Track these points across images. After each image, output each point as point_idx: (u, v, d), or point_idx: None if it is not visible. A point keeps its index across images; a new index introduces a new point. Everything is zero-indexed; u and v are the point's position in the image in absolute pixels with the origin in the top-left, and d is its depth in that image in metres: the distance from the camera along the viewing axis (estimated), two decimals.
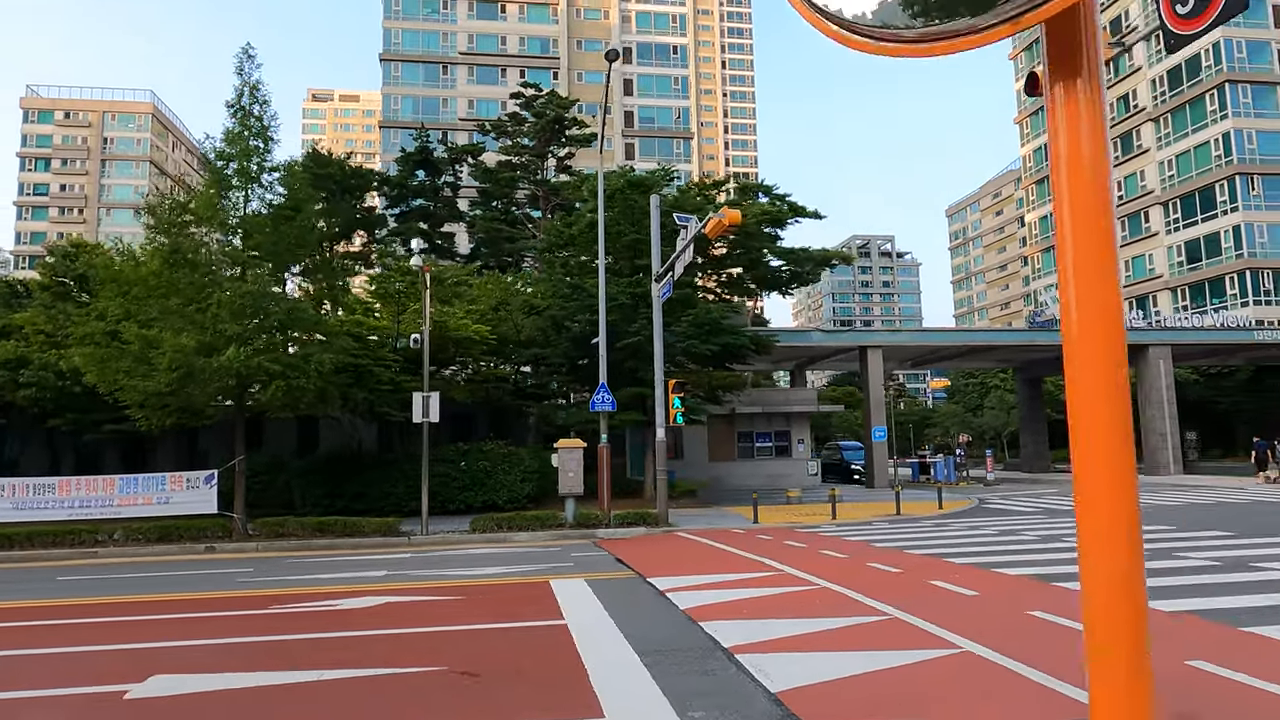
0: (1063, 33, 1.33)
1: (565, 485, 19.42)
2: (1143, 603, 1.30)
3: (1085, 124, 1.32)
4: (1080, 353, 1.28)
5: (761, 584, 10.50)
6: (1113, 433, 1.30)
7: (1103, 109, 1.33)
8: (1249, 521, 16.73)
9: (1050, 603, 8.60)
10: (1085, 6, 1.32)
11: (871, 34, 1.34)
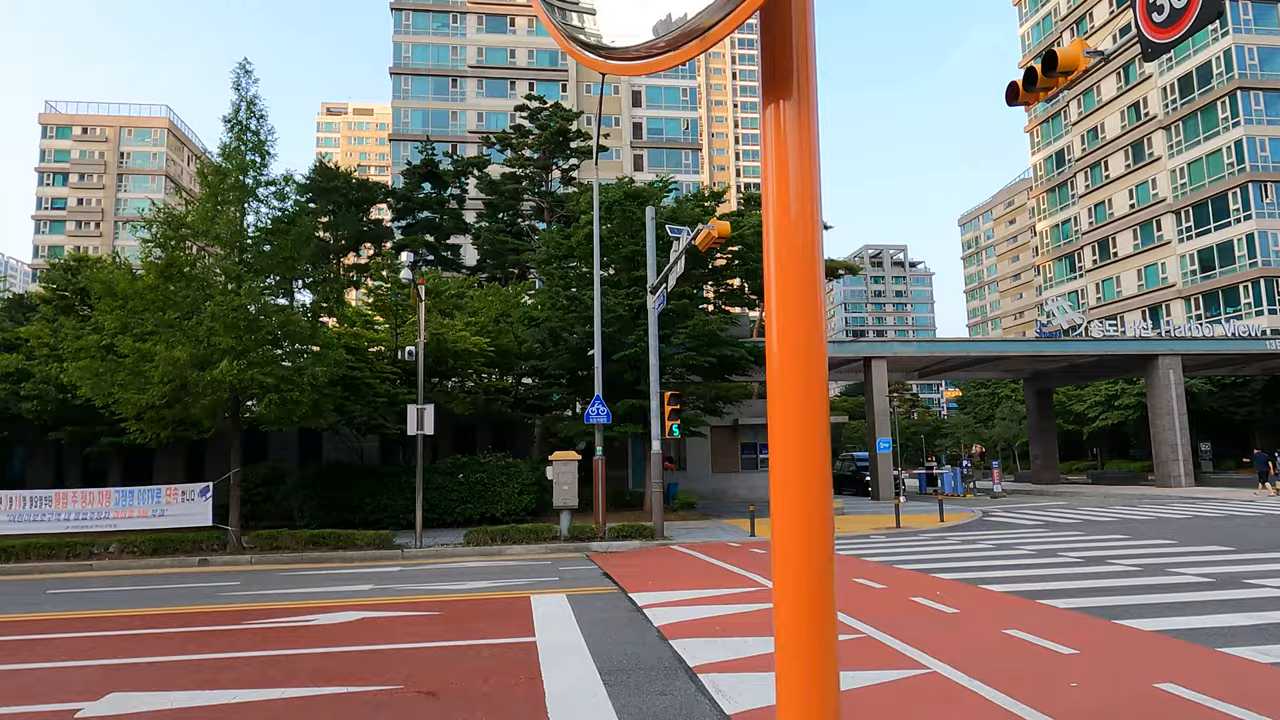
0: (777, 51, 1.27)
1: (560, 498, 19.34)
2: (829, 626, 1.23)
3: (794, 143, 1.25)
4: (780, 366, 1.22)
5: (743, 600, 10.38)
6: (807, 447, 1.24)
7: (813, 129, 1.27)
8: (1252, 536, 16.43)
9: (1028, 621, 8.44)
10: (799, 24, 1.26)
11: (638, 55, 1.28)
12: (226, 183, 17.91)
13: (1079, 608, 9.09)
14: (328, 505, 22.77)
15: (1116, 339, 35.16)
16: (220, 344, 16.43)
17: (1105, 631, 7.94)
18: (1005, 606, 9.46)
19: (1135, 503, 27.50)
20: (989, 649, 7.41)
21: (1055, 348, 34.17)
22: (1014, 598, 9.92)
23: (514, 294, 27.64)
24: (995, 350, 35.79)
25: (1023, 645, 7.45)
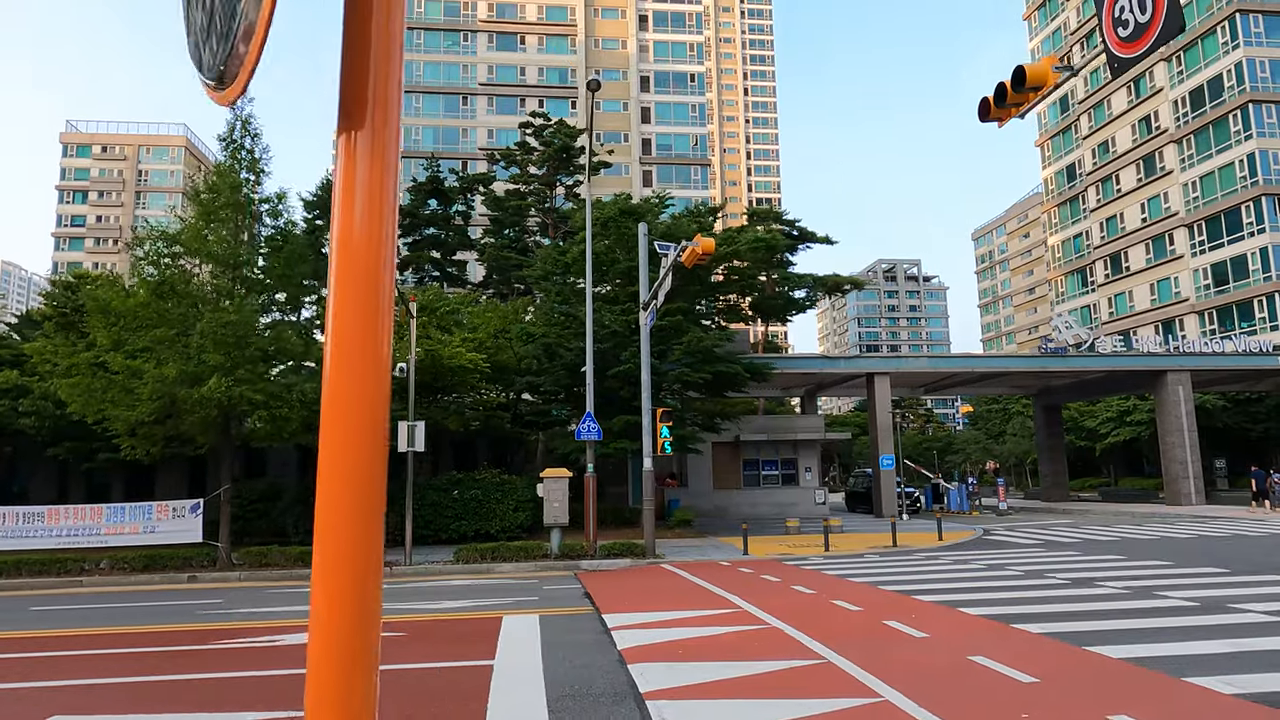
0: (354, 81, 1.21)
1: (550, 515, 19.24)
2: (366, 660, 1.16)
3: (366, 172, 1.19)
4: (333, 389, 1.16)
5: (715, 622, 10.23)
6: (358, 471, 1.18)
7: (389, 159, 1.21)
8: (1253, 557, 16.08)
9: (997, 647, 8.25)
10: (380, 57, 1.19)
11: None
12: (219, 200, 18.07)
13: (1053, 633, 8.88)
14: None
15: (1123, 355, 34.71)
16: (210, 361, 16.51)
17: (1072, 659, 7.74)
18: (977, 631, 9.26)
19: (1141, 521, 27.03)
20: (948, 676, 7.23)
21: (1060, 363, 33.77)
22: (989, 621, 9.72)
23: (513, 310, 27.67)
24: (999, 366, 35.42)
25: (984, 673, 7.26)
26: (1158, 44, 8.27)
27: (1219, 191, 54.11)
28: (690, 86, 78.33)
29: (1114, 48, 8.73)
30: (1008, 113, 10.02)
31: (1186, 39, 56.30)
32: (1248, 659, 7.51)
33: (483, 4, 76.16)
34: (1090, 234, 67.18)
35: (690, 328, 22.85)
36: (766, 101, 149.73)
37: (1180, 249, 57.42)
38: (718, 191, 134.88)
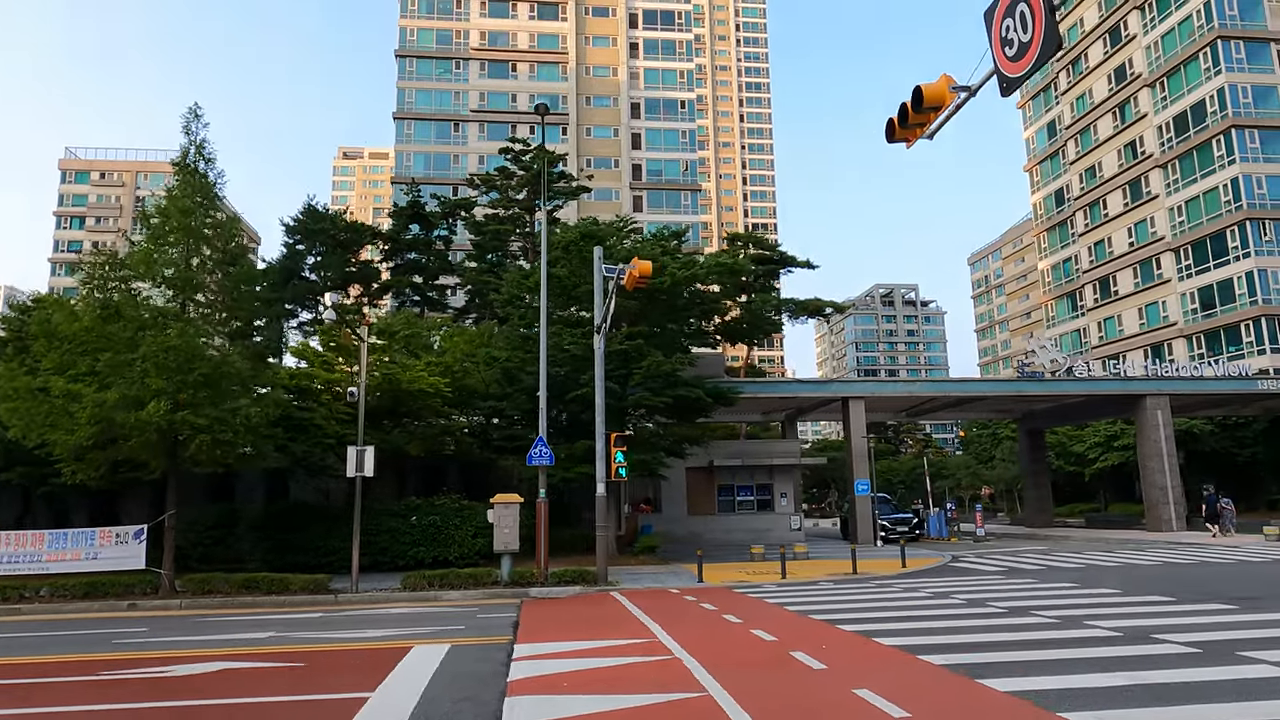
0: None
1: (500, 542, 19.00)
2: None
3: None
4: None
5: (622, 652, 9.99)
6: None
7: None
8: (1207, 585, 15.76)
9: (889, 679, 8.00)
10: None
11: None
12: (169, 225, 18.06)
13: (956, 664, 8.62)
14: (280, 548, 22.53)
15: (1101, 379, 34.48)
16: (153, 385, 16.38)
17: (955, 691, 7.50)
18: (880, 662, 9.01)
19: (1114, 548, 26.65)
20: (821, 711, 6.99)
21: (1037, 387, 33.53)
22: (899, 652, 9.45)
23: (481, 334, 27.57)
24: (974, 390, 35.20)
25: (859, 707, 7.02)
26: (1039, 62, 8.26)
27: (1204, 216, 54.14)
28: (681, 113, 78.87)
29: (1003, 67, 8.70)
30: (913, 133, 9.96)
31: (1170, 65, 56.65)
32: (1137, 693, 7.26)
33: (475, 32, 77.00)
34: (1079, 258, 67.18)
35: (651, 351, 22.70)
36: (762, 128, 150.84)
37: (1168, 273, 57.35)
38: (712, 216, 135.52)
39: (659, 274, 22.48)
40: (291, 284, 40.46)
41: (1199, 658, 8.68)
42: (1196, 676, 7.79)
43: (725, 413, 39.76)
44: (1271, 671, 7.93)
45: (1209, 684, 7.50)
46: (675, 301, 23.66)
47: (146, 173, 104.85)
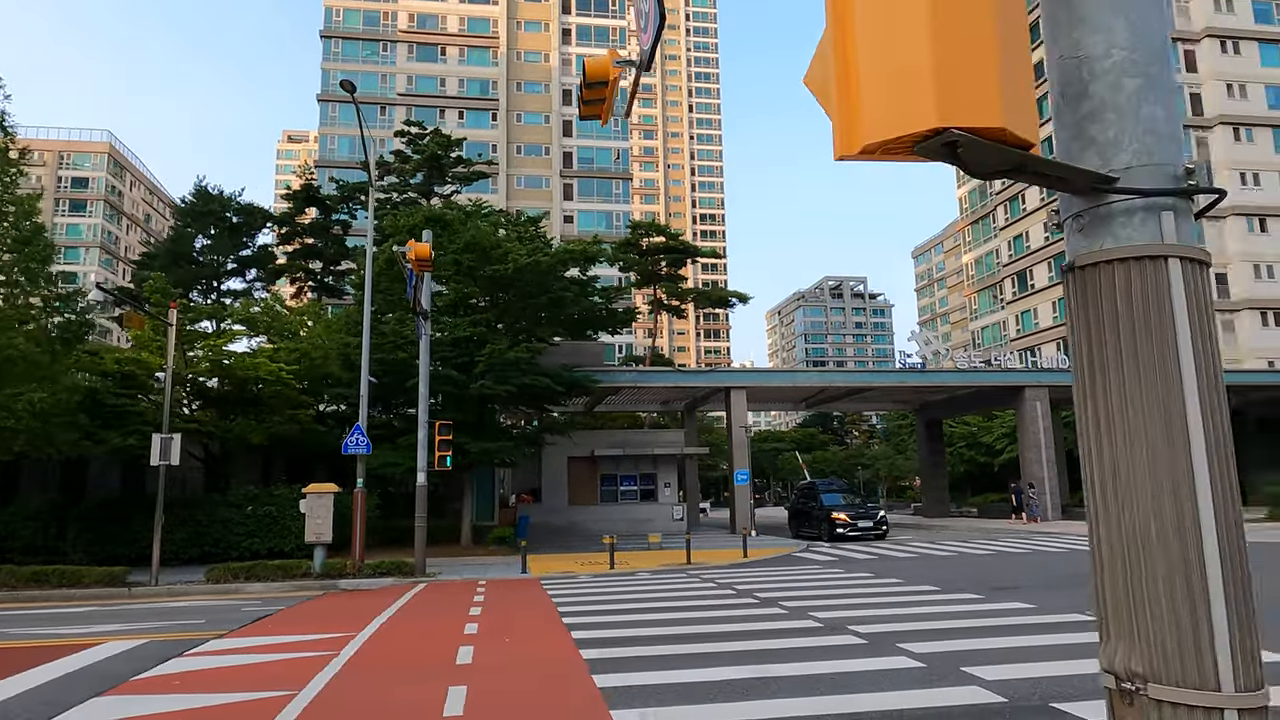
0: None
1: (312, 532, 18.49)
2: None
3: None
4: None
5: (296, 649, 9.61)
6: None
7: None
8: (1023, 576, 15.81)
9: (494, 683, 7.72)
10: None
11: None
12: None
13: (600, 658, 8.36)
14: (104, 539, 21.76)
15: (979, 370, 34.85)
16: None
17: (545, 693, 7.24)
18: (536, 660, 8.74)
19: (969, 537, 26.94)
20: (380, 714, 6.68)
21: (916, 379, 33.80)
22: (569, 648, 9.17)
23: (339, 320, 26.89)
24: (857, 381, 35.38)
25: (421, 710, 6.71)
26: (656, 35, 8.00)
27: None
28: None
29: (640, 40, 8.44)
30: (597, 109, 9.66)
31: None
32: (724, 688, 7.05)
33: (403, 13, 75.51)
34: (999, 252, 68.11)
35: (495, 338, 22.26)
36: (711, 119, 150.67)
37: (1040, 283, 58.99)
38: (660, 207, 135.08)
39: (501, 260, 22.05)
40: (178, 267, 39.29)
41: (849, 650, 8.55)
42: (812, 669, 7.62)
43: (625, 402, 39.60)
44: (895, 663, 7.80)
45: (814, 677, 7.33)
46: (527, 289, 23.19)
47: (70, 152, 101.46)
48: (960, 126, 1.42)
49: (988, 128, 1.43)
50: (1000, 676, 7.17)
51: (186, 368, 22.64)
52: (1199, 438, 1.51)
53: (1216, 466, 1.52)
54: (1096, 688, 6.69)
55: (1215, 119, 52.73)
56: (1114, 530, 1.60)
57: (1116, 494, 1.58)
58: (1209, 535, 1.49)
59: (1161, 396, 1.52)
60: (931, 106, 1.43)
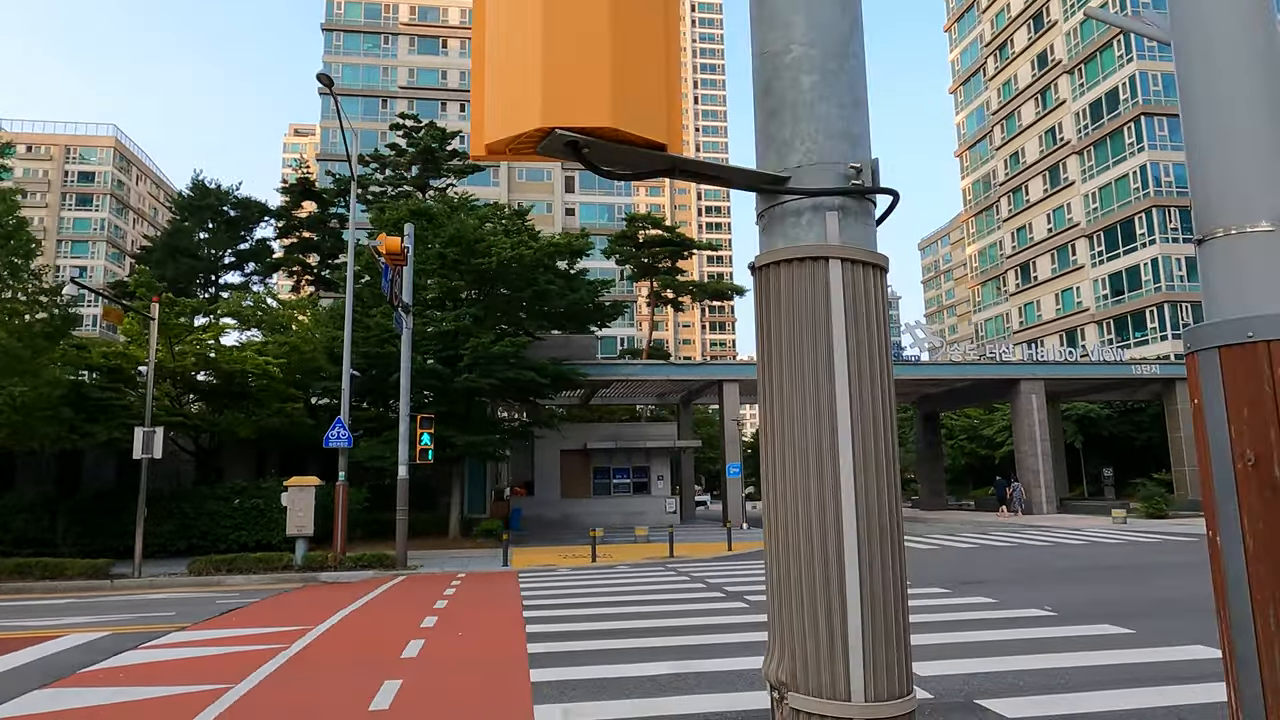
0: None
1: (294, 525, 18.61)
2: None
3: None
4: None
5: (251, 641, 9.67)
6: None
7: None
8: (973, 570, 15.76)
9: (429, 675, 7.74)
10: None
11: None
12: None
13: (545, 652, 8.38)
14: (94, 531, 21.95)
15: (973, 363, 34.66)
16: None
17: (495, 687, 7.26)
18: (481, 654, 8.76)
19: (957, 530, 26.85)
20: (312, 710, 6.70)
21: (909, 371, 33.64)
22: (516, 642, 9.19)
23: (329, 313, 26.96)
24: None
25: (351, 701, 6.74)
26: None
27: (1115, 203, 54.62)
28: None
29: None
30: None
31: (1087, 51, 56.93)
32: (665, 682, 7.05)
33: (404, 7, 75.48)
34: (1003, 244, 67.65)
35: (480, 331, 22.26)
36: (717, 110, 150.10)
37: (1081, 259, 57.87)
38: (665, 199, 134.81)
39: (485, 254, 22.04)
40: (175, 261, 39.48)
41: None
42: (742, 665, 7.61)
43: (621, 395, 39.59)
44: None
45: (738, 673, 7.31)
46: (513, 282, 23.17)
47: (77, 147, 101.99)
48: (565, 126, 1.39)
49: (599, 128, 1.40)
50: (936, 672, 7.14)
51: (173, 361, 22.74)
52: (847, 441, 1.47)
53: (865, 471, 1.48)
54: (1027, 684, 6.68)
55: None
56: (774, 534, 1.58)
57: (778, 497, 1.55)
58: (849, 540, 1.46)
59: (814, 399, 1.49)
60: (536, 106, 1.40)
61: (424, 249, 21.79)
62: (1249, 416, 1.63)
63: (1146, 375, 35.24)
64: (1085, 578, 14.01)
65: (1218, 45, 1.73)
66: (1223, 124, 1.74)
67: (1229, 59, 1.72)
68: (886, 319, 1.58)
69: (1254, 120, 1.69)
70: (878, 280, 1.58)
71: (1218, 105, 1.74)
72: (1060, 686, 6.64)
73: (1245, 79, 1.70)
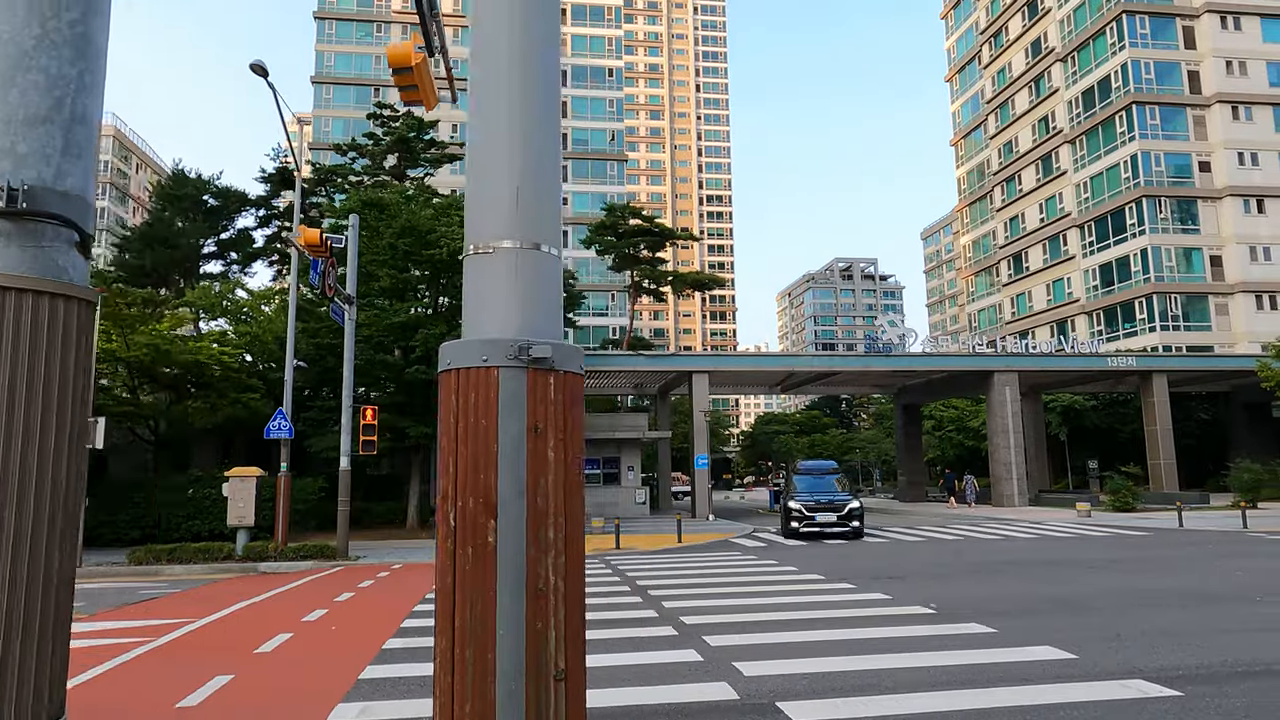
0: None
1: (234, 515, 18.69)
2: None
3: None
4: None
5: (127, 634, 9.72)
6: None
7: None
8: (904, 565, 15.70)
9: (253, 663, 7.75)
10: None
11: None
12: None
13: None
14: None
15: (949, 354, 34.46)
16: None
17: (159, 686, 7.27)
18: (336, 650, 8.77)
19: (919, 523, 26.76)
20: (103, 701, 6.74)
21: (881, 363, 33.45)
22: (375, 641, 9.21)
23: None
24: (823, 365, 35.08)
25: (153, 696, 6.76)
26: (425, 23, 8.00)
27: (1106, 192, 54.10)
28: (608, 81, 77.74)
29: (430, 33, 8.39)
30: (413, 95, 9.68)
31: (1080, 39, 56.26)
32: None
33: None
34: (996, 234, 67.17)
35: (432, 323, 22.25)
36: (719, 98, 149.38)
37: (1073, 249, 57.41)
38: (666, 187, 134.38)
39: (434, 246, 22.01)
40: (154, 250, 39.59)
41: (650, 642, 8.51)
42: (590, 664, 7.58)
43: (596, 386, 39.56)
44: (677, 657, 7.75)
45: None
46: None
47: None
48: None
49: None
50: (761, 672, 7.11)
51: (128, 352, 22.84)
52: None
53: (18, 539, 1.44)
54: (846, 686, 6.61)
55: (1213, 97, 51.47)
56: None
57: None
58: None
59: None
60: None
61: (374, 239, 21.77)
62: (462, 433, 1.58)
63: (1122, 367, 34.97)
64: (1001, 573, 13.94)
65: (489, 83, 1.71)
66: (488, 149, 1.70)
67: (494, 97, 1.70)
68: (84, 355, 1.52)
69: (506, 151, 1.66)
70: (65, 313, 1.53)
71: (486, 134, 1.71)
72: (875, 688, 6.59)
73: (504, 114, 1.68)
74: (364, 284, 23.45)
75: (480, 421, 1.51)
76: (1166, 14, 53.19)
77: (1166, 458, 34.62)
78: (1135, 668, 6.96)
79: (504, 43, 1.72)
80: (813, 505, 22.34)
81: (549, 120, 1.75)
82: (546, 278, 1.68)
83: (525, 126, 1.69)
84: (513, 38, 1.71)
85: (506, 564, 1.47)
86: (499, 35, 1.73)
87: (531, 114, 1.70)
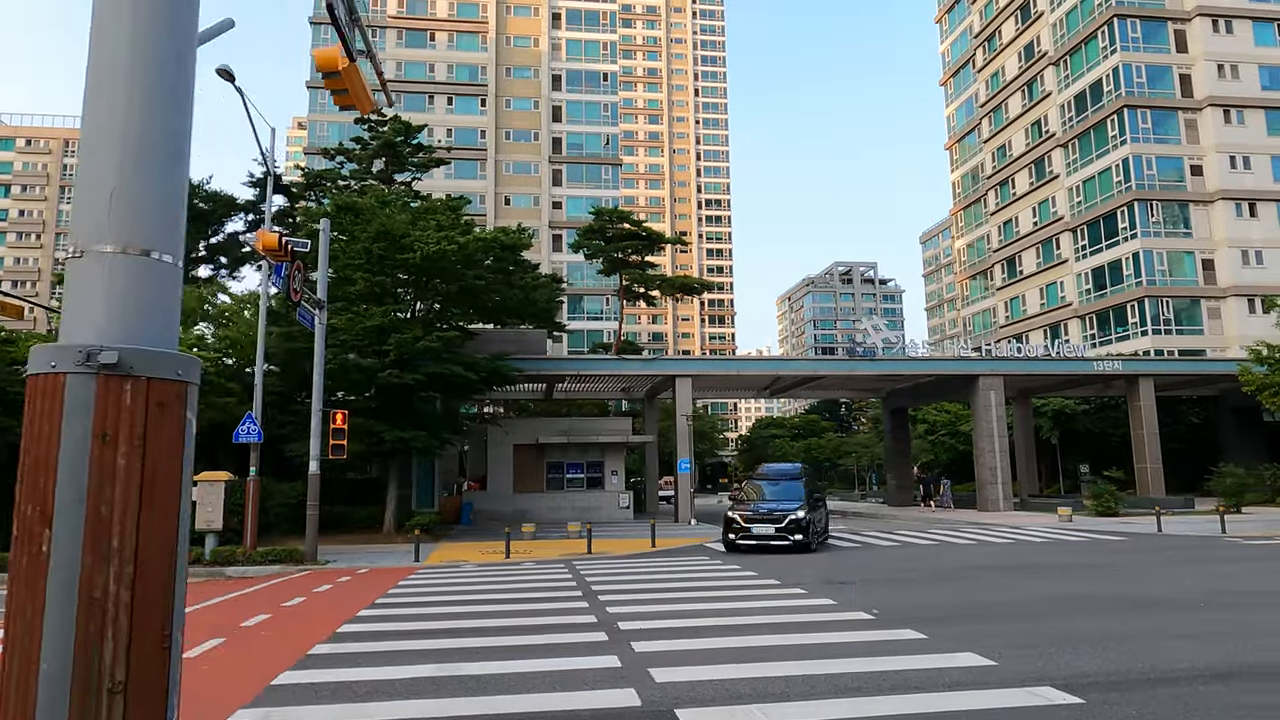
0: None
1: (202, 519, 18.70)
2: None
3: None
4: None
5: None
6: None
7: None
8: (865, 570, 15.64)
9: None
10: None
11: None
12: None
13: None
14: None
15: (934, 359, 34.38)
16: None
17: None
18: (262, 655, 8.74)
19: (898, 528, 26.67)
20: None
21: (866, 367, 33.38)
22: (304, 647, 9.17)
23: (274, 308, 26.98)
24: (802, 369, 35.01)
25: None
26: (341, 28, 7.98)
27: (1098, 196, 54.00)
28: (603, 85, 77.76)
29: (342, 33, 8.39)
30: (344, 99, 9.69)
31: (1072, 43, 56.20)
32: (405, 687, 7.00)
33: (392, 0, 75.46)
34: (990, 238, 67.08)
35: (408, 328, 22.23)
36: (718, 103, 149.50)
37: (1066, 253, 57.30)
38: (665, 191, 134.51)
39: (408, 250, 22.00)
40: None
41: (577, 648, 8.46)
42: (507, 669, 7.55)
43: (584, 390, 39.53)
44: (595, 663, 7.70)
45: (498, 677, 7.26)
46: (444, 277, 23.10)
47: (74, 139, 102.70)
48: None
49: None
50: (673, 679, 7.06)
51: None
52: None
53: None
54: (751, 693, 6.55)
55: (1205, 101, 51.38)
56: None
57: None
58: None
59: None
60: None
61: (348, 244, 21.78)
62: None
63: (1108, 371, 34.86)
64: (960, 579, 13.87)
65: (98, 74, 1.68)
66: (89, 147, 1.67)
67: (100, 91, 1.67)
68: None
69: (106, 149, 1.63)
70: None
71: (90, 130, 1.68)
72: (783, 695, 6.54)
73: (106, 107, 1.65)
74: (341, 288, 23.47)
75: (44, 428, 1.49)
76: (1158, 17, 53.13)
77: (1153, 462, 34.47)
78: (1047, 675, 6.91)
79: (110, 27, 1.67)
80: (749, 516, 19.83)
81: (169, 115, 1.71)
82: (156, 284, 1.66)
83: (129, 122, 1.64)
84: (121, 22, 1.67)
85: (59, 572, 1.44)
86: (106, 17, 1.69)
87: (141, 107, 1.66)
